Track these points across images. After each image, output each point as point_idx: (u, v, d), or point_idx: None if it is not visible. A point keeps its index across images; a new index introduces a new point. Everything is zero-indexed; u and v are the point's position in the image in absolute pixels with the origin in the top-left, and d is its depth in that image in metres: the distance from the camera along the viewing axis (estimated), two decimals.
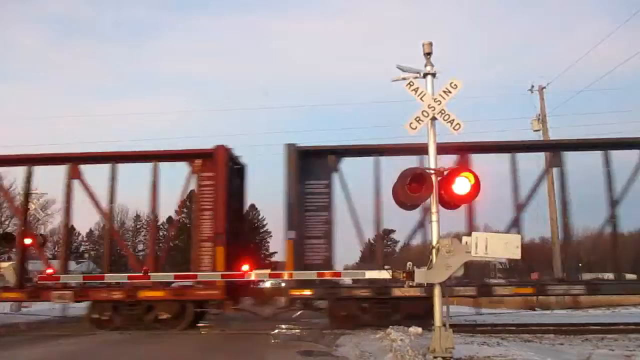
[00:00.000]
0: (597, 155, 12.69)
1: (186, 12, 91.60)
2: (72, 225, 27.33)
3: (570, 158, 12.84)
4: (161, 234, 26.51)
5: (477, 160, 12.30)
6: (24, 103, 71.21)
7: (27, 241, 13.32)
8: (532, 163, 13.58)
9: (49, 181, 15.33)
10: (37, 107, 75.16)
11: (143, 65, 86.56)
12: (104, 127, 73.47)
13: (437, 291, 6.92)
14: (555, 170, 13.02)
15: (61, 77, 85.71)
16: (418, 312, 11.35)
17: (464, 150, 12.05)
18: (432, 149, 7.16)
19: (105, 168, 13.30)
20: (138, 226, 49.72)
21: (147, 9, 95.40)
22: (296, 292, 12.17)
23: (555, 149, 13.03)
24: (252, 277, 11.07)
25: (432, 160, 7.10)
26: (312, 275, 11.05)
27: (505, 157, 12.70)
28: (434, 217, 7.01)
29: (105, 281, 12.47)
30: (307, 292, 12.12)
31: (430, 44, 7.24)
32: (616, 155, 12.65)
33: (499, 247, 6.64)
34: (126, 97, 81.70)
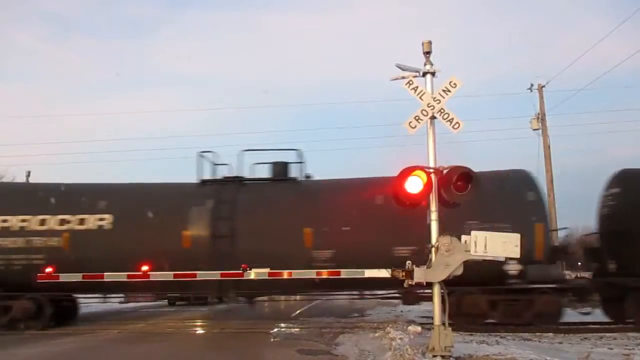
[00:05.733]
0: None
1: (183, 9, 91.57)
2: None
3: None
4: None
5: None
6: (18, 101, 71.08)
7: None
8: None
9: None
10: (32, 105, 74.91)
11: (139, 62, 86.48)
12: (100, 125, 73.32)
13: (436, 290, 6.92)
14: None
15: (57, 75, 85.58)
16: None
17: None
18: (431, 148, 7.16)
19: None
20: None
21: (142, 4, 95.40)
22: None
23: None
24: (252, 276, 11.09)
25: (432, 159, 7.11)
26: (312, 274, 11.05)
27: None
28: (434, 216, 7.01)
29: None
30: None
31: (430, 43, 7.24)
32: None
33: (498, 245, 6.65)
34: (120, 95, 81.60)
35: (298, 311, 16.49)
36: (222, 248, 11.58)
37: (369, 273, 10.97)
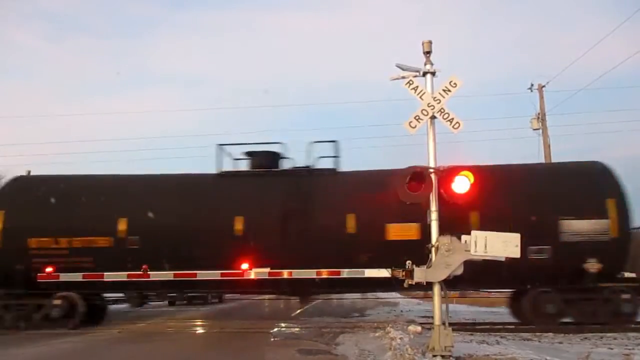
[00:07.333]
0: None
1: (181, 7, 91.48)
2: None
3: None
4: None
5: None
6: (18, 101, 71.03)
7: None
8: None
9: None
10: (32, 105, 74.80)
11: (137, 61, 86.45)
12: (99, 125, 73.33)
13: (436, 290, 6.92)
14: None
15: (57, 75, 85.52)
16: None
17: None
18: (431, 148, 7.16)
19: None
20: None
21: (142, 4, 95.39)
22: None
23: None
24: (252, 276, 11.11)
25: (432, 159, 7.11)
26: (311, 273, 11.10)
27: None
28: (434, 216, 7.02)
29: None
30: None
31: (430, 43, 7.24)
32: None
33: (498, 245, 6.65)
34: (120, 95, 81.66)
35: (298, 311, 16.49)
36: None
37: (369, 273, 11.00)
